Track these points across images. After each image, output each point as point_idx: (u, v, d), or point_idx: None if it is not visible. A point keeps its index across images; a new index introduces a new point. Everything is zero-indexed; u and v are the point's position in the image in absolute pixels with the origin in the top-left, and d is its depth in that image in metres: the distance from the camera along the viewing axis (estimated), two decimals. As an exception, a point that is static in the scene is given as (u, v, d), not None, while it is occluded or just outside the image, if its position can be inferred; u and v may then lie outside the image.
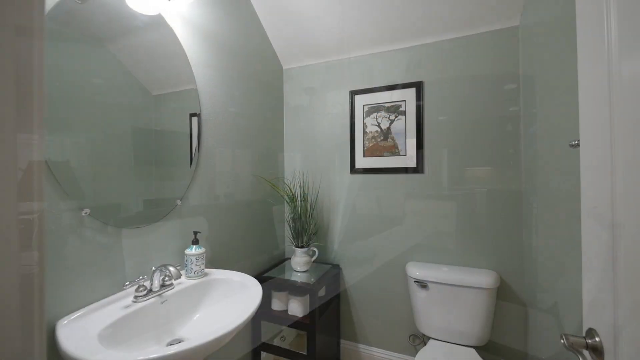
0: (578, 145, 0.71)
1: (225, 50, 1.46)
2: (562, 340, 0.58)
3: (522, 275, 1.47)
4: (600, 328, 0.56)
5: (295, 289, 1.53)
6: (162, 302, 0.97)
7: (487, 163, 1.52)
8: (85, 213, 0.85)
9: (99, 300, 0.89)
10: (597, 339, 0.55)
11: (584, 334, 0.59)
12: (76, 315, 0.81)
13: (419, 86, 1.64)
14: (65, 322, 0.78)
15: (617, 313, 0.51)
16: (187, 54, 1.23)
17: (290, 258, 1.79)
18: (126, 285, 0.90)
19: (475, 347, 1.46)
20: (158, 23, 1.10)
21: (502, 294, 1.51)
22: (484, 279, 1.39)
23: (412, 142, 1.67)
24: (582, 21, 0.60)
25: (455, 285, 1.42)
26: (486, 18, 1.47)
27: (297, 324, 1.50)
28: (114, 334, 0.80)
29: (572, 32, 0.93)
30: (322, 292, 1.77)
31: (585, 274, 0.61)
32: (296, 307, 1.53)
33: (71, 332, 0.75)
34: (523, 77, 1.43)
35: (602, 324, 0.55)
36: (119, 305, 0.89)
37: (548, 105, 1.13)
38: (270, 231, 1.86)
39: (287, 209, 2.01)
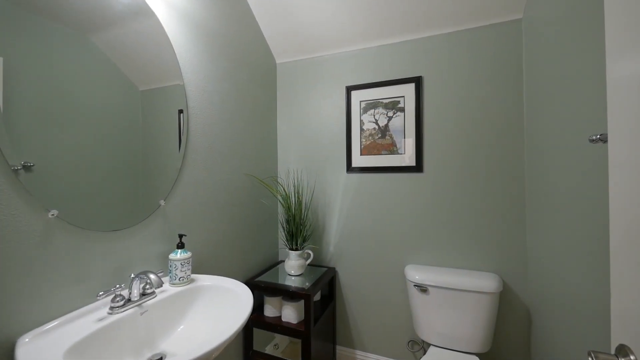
0: (601, 140, 0.65)
1: (214, 43, 1.37)
2: (589, 359, 0.52)
3: (526, 278, 1.42)
4: (636, 345, 0.49)
5: (289, 294, 1.45)
6: (142, 313, 0.88)
7: (489, 161, 1.47)
8: (52, 215, 0.75)
9: (69, 312, 0.80)
10: (631, 357, 0.49)
11: (613, 351, 0.53)
12: (41, 330, 0.71)
13: (418, 81, 1.58)
14: (27, 339, 0.69)
15: (658, 329, 0.44)
16: (174, 46, 1.14)
17: (284, 261, 1.71)
18: (100, 295, 0.80)
19: (478, 355, 1.41)
20: (140, 8, 1.01)
21: (505, 298, 1.46)
22: (487, 282, 1.33)
23: (411, 140, 1.60)
24: (612, 5, 0.54)
25: (456, 290, 1.36)
26: (488, 11, 1.42)
27: (291, 331, 1.43)
28: (84, 352, 0.71)
29: (581, 22, 0.88)
30: (317, 297, 1.69)
31: (614, 280, 0.55)
32: (290, 314, 1.45)
33: (33, 350, 0.66)
34: (526, 72, 1.38)
35: (638, 340, 0.49)
36: (91, 318, 0.79)
37: (554, 100, 1.07)
38: (263, 233, 1.77)
39: (280, 209, 1.93)
